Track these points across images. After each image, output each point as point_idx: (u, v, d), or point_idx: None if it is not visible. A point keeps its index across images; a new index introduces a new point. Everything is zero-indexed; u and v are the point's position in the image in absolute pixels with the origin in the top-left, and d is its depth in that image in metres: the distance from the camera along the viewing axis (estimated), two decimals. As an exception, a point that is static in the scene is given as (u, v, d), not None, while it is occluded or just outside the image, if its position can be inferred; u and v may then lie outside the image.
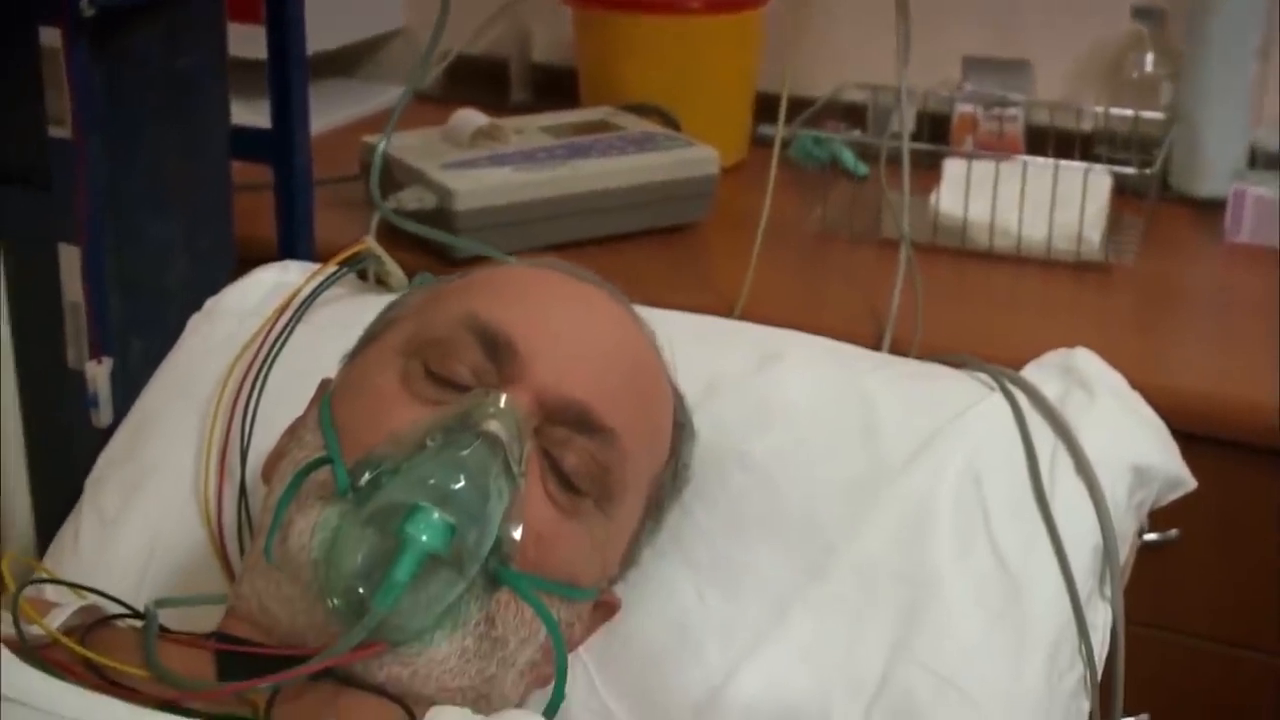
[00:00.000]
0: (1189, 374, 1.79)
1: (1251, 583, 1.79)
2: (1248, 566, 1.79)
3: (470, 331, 1.09)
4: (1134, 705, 1.83)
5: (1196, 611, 1.83)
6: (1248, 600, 1.80)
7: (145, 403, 1.45)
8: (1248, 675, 1.83)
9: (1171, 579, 1.80)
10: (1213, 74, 2.19)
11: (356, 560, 0.98)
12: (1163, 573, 1.78)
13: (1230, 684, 1.85)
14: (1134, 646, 1.72)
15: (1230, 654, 1.83)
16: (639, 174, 2.07)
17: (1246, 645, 1.82)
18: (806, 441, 1.25)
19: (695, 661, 1.19)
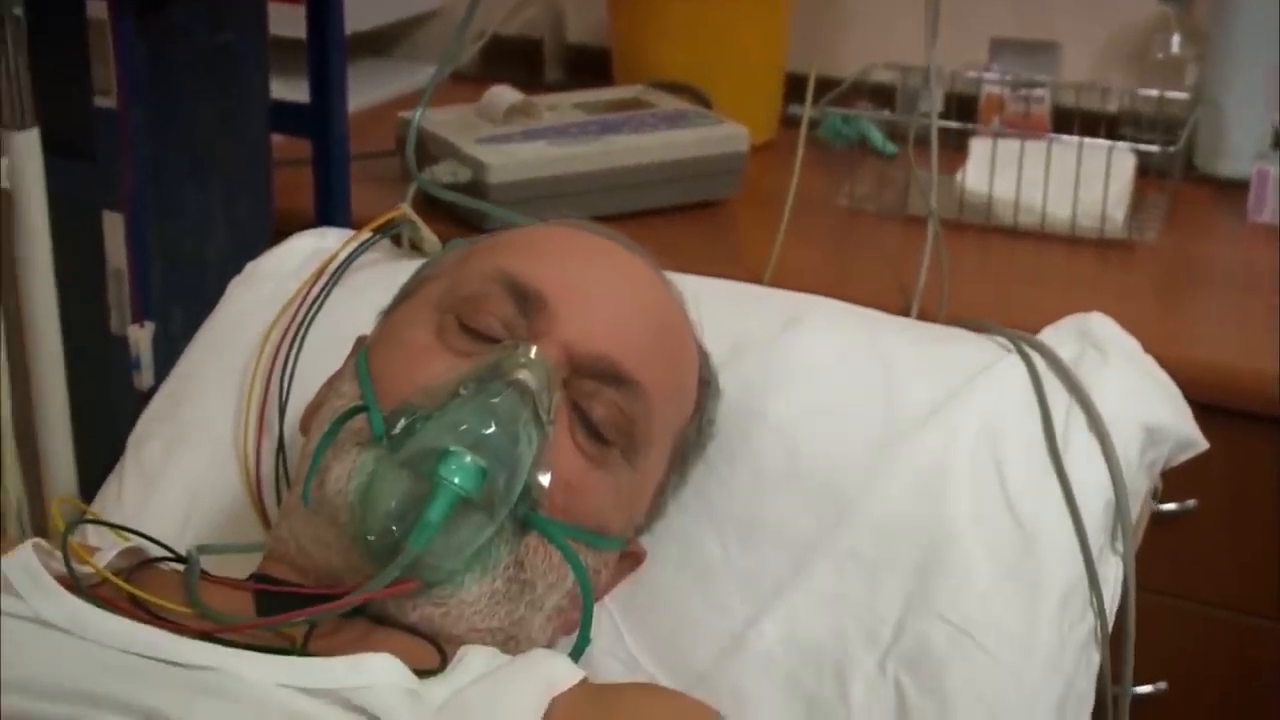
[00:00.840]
0: (1208, 347, 1.83)
1: (1268, 552, 1.82)
2: (1265, 536, 1.82)
3: (502, 286, 1.13)
4: (1152, 674, 1.87)
5: (1214, 581, 1.86)
6: (1265, 569, 1.82)
7: (187, 363, 1.49)
8: (1265, 643, 1.86)
9: (1189, 549, 1.83)
10: (1238, 55, 2.22)
11: (391, 503, 1.02)
12: (1181, 542, 1.82)
13: (1247, 652, 1.87)
14: (1152, 615, 1.75)
15: (1247, 622, 1.86)
16: (670, 150, 2.11)
17: (1264, 614, 1.85)
18: (828, 400, 1.29)
19: (718, 611, 1.23)
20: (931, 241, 1.85)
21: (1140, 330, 1.39)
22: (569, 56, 2.78)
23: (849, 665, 1.18)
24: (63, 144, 1.66)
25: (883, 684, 1.17)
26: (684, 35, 2.38)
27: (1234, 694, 1.89)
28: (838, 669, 1.18)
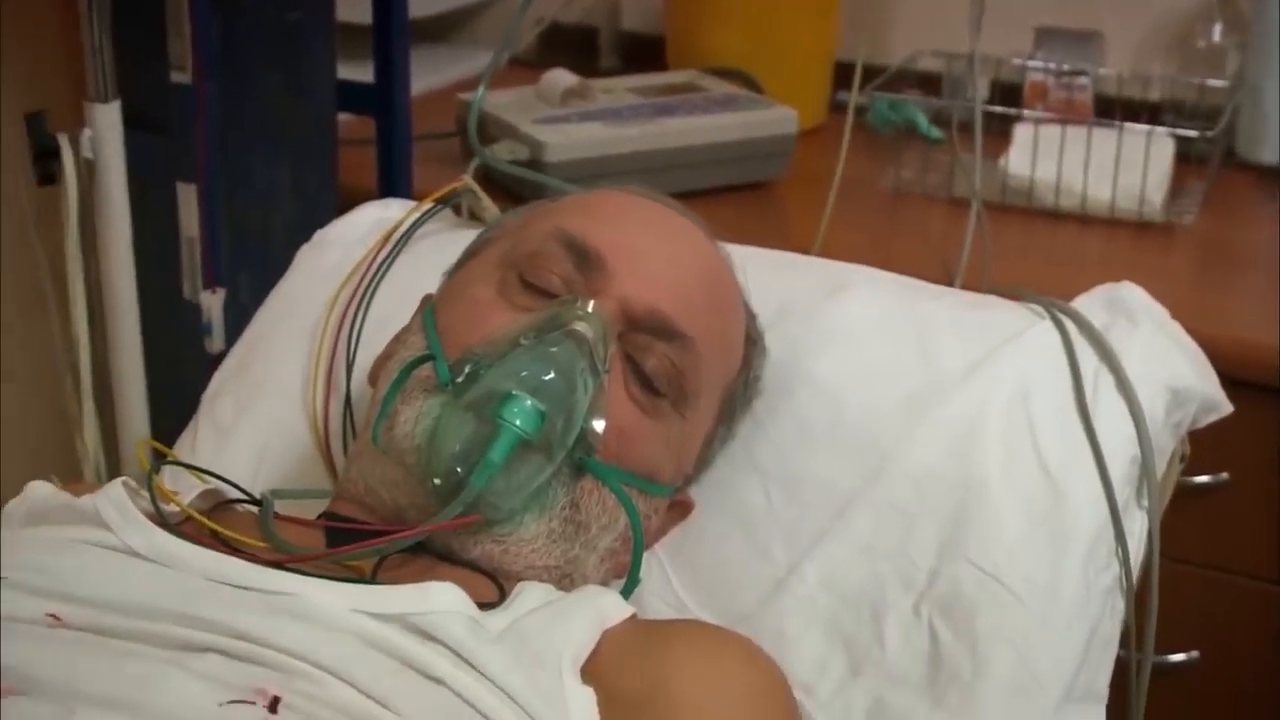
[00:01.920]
0: (1242, 325, 1.88)
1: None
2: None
3: (561, 245, 1.20)
4: (1184, 643, 1.93)
5: (1245, 552, 1.91)
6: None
7: (258, 325, 1.56)
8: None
9: (1221, 521, 1.89)
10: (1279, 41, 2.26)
11: (455, 445, 1.09)
12: (1212, 514, 1.87)
13: (1278, 622, 1.92)
14: (1184, 586, 1.82)
15: (1278, 593, 1.91)
16: (721, 132, 2.17)
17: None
18: (869, 361, 1.35)
19: (761, 557, 1.30)
20: (974, 221, 1.91)
21: (1176, 308, 1.44)
22: (624, 44, 2.84)
23: (885, 608, 1.25)
24: (140, 118, 1.73)
25: (917, 626, 1.23)
26: (737, 22, 2.44)
27: (1265, 664, 1.94)
28: (874, 612, 1.25)
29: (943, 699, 1.19)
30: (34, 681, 0.91)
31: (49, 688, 0.90)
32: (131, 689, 0.90)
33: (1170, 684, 1.92)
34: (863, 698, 1.22)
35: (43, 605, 0.98)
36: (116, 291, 1.68)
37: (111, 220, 1.65)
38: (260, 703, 0.90)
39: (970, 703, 1.18)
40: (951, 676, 1.20)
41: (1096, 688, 1.24)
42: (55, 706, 0.89)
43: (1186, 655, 1.94)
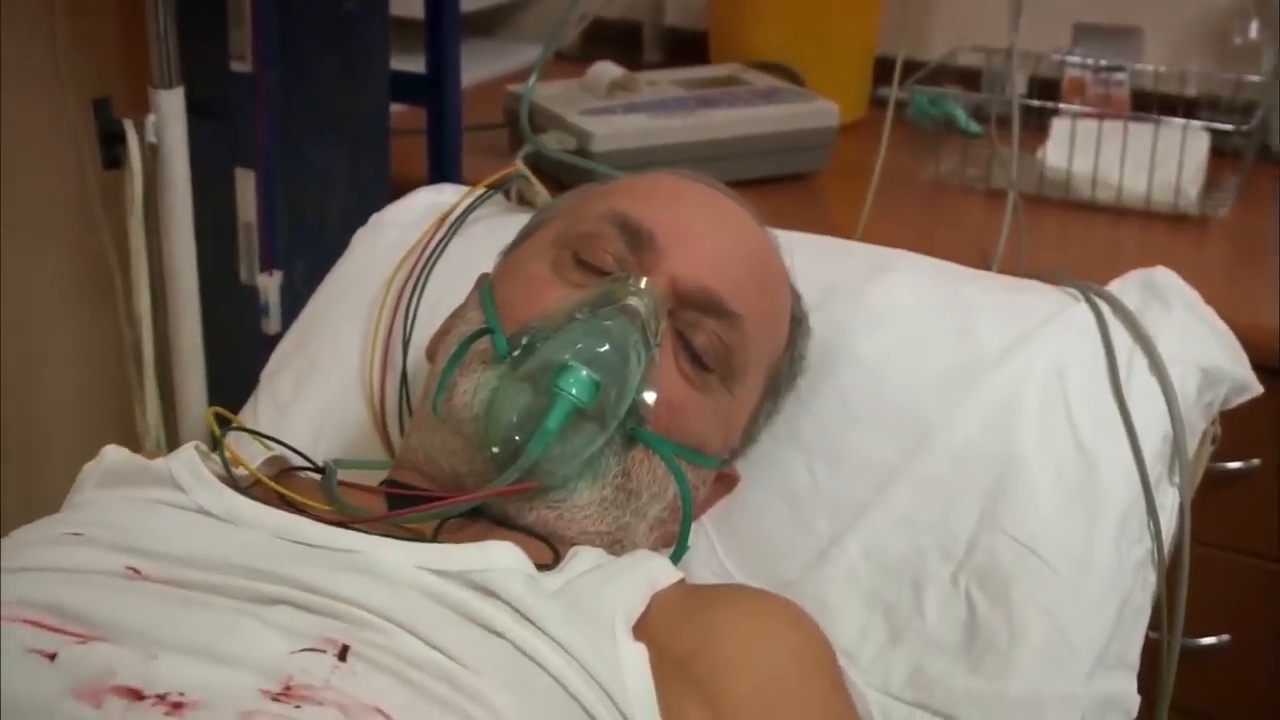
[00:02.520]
0: (1275, 314, 1.91)
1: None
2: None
3: (615, 225, 1.24)
4: (1215, 626, 1.97)
5: (1276, 536, 1.94)
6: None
7: (316, 304, 1.61)
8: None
9: (1252, 505, 1.93)
10: (1315, 40, 2.30)
11: (513, 415, 1.14)
12: (1243, 499, 1.91)
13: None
14: (1215, 570, 1.86)
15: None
16: (763, 124, 2.22)
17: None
18: (910, 340, 1.39)
19: (804, 529, 1.34)
20: (1011, 212, 1.94)
21: (1210, 297, 1.48)
22: (667, 39, 2.89)
23: (924, 578, 1.29)
24: (200, 105, 1.78)
25: (955, 595, 1.27)
26: (779, 17, 2.49)
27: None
28: (914, 581, 1.29)
29: (979, 665, 1.23)
30: (116, 628, 0.95)
31: (130, 634, 0.95)
32: (208, 636, 0.95)
33: (1200, 666, 1.97)
34: (902, 664, 1.26)
35: (122, 559, 1.03)
36: (178, 272, 1.73)
37: (174, 203, 1.70)
38: (330, 651, 0.95)
39: (1006, 668, 1.22)
40: (988, 644, 1.24)
41: (1128, 657, 1.27)
42: (137, 651, 0.93)
43: (1217, 638, 1.98)
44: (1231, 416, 1.47)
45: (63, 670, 0.92)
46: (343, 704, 0.91)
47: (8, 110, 1.88)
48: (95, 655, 0.93)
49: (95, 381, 2.07)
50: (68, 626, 0.95)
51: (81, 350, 2.07)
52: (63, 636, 0.95)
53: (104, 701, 0.90)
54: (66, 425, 2.06)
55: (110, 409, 2.01)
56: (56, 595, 0.98)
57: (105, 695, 0.90)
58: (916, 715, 1.23)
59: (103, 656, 0.93)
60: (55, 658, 0.93)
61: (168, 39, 1.66)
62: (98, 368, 2.05)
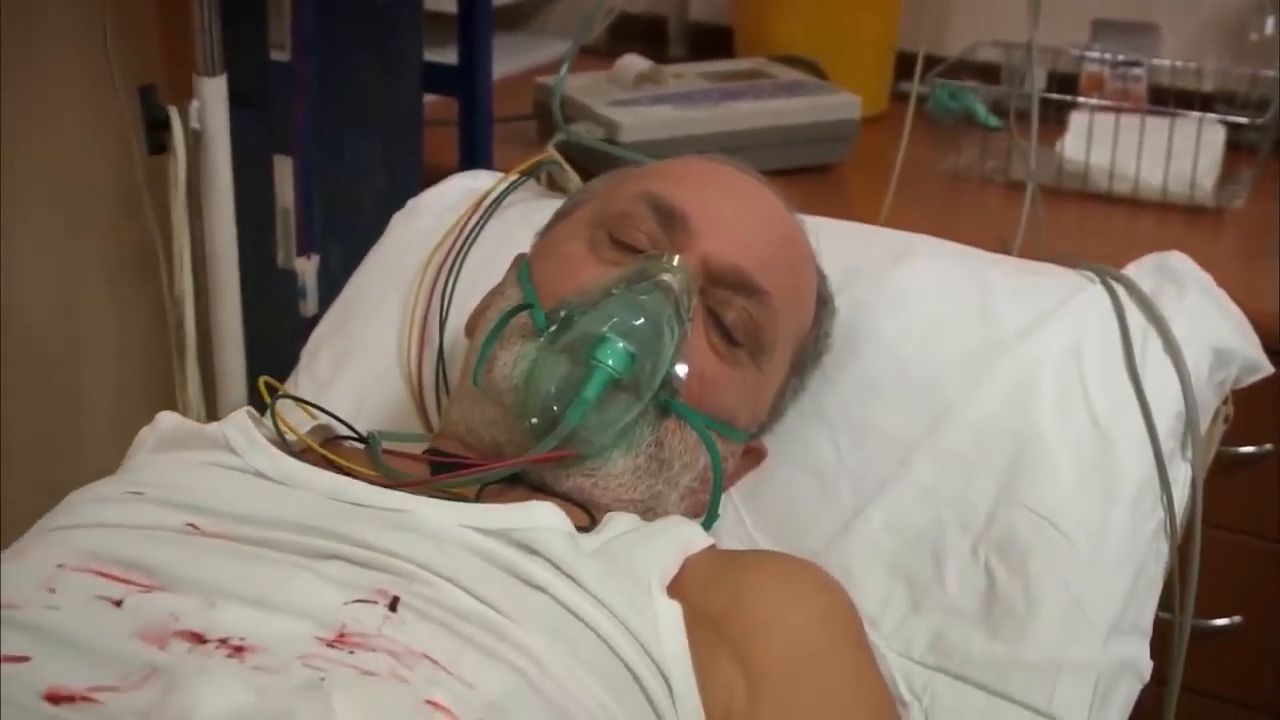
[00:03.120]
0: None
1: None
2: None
3: (648, 206, 1.29)
4: (1227, 608, 2.01)
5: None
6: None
7: (354, 286, 1.66)
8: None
9: (1265, 489, 1.97)
10: (1329, 36, 2.35)
11: (550, 385, 1.19)
12: (1256, 484, 1.96)
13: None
14: (1228, 552, 1.91)
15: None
16: (787, 115, 2.27)
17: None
18: (932, 321, 1.44)
19: (829, 501, 1.39)
20: (1030, 202, 1.99)
21: (1225, 285, 1.52)
22: (691, 34, 2.94)
23: (945, 549, 1.33)
24: (241, 94, 1.83)
25: (974, 565, 1.32)
26: (803, 13, 2.54)
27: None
28: (935, 552, 1.34)
29: (998, 631, 1.28)
30: (177, 579, 1.00)
31: (191, 584, 1.00)
32: (264, 587, 1.00)
33: (1213, 647, 2.01)
34: (923, 630, 1.31)
35: (181, 516, 1.08)
36: (219, 255, 1.78)
37: (217, 187, 1.75)
38: (381, 602, 1.00)
39: (1024, 634, 1.27)
40: (1006, 610, 1.28)
41: (1142, 623, 1.32)
42: (198, 600, 0.98)
43: (1229, 620, 2.03)
44: (1245, 402, 1.51)
45: (128, 615, 0.97)
46: (394, 651, 0.96)
47: (57, 98, 1.93)
48: (159, 603, 0.98)
49: (136, 361, 2.12)
50: (132, 577, 1.01)
51: (124, 330, 2.12)
52: (128, 586, 1.00)
53: (168, 644, 0.95)
54: (108, 402, 2.11)
55: (151, 388, 2.06)
56: (121, 548, 1.04)
57: (169, 638, 0.95)
58: (936, 679, 1.28)
59: (166, 604, 0.98)
60: (121, 604, 0.98)
61: (211, 28, 1.71)
62: (139, 347, 2.10)
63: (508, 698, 0.97)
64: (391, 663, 0.96)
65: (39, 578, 1.02)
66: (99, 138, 1.98)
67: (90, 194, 2.02)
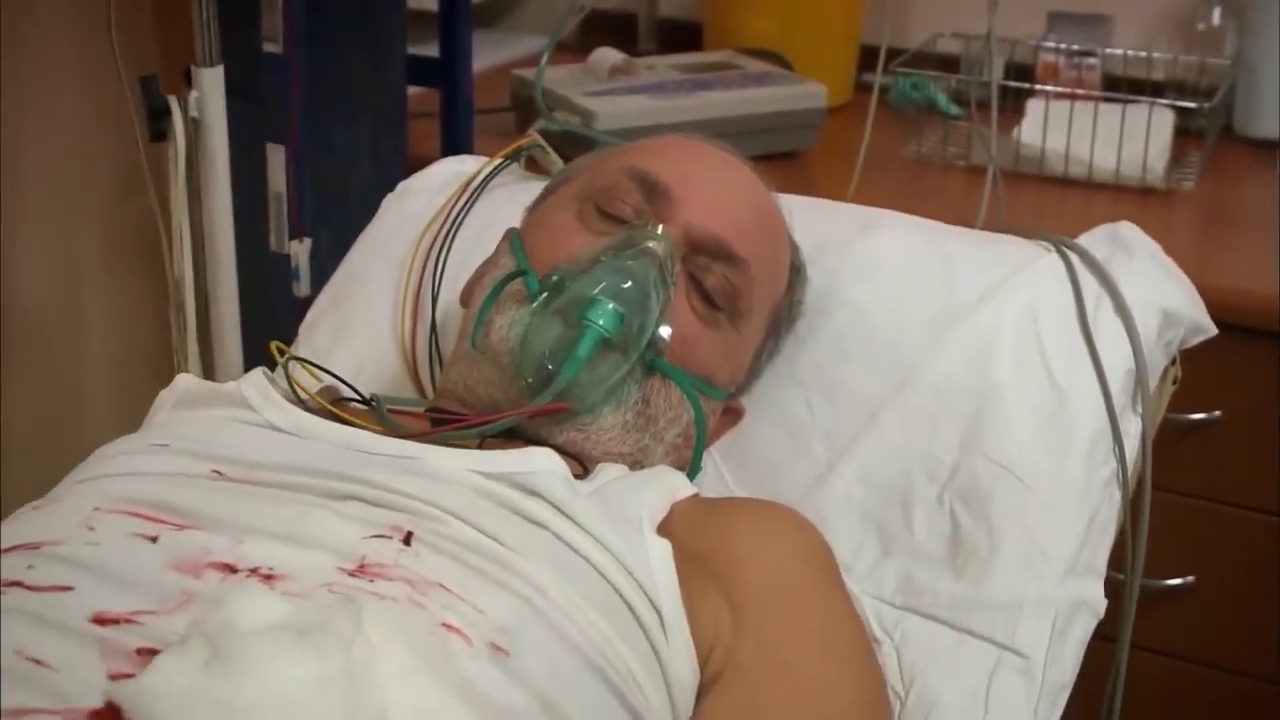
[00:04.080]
0: (1236, 277, 2.07)
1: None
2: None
3: (633, 179, 1.38)
4: (1182, 568, 2.11)
5: (1237, 483, 2.09)
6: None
7: (349, 265, 1.75)
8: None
9: (1215, 455, 2.07)
10: (1274, 26, 2.44)
11: (545, 346, 1.28)
12: (1207, 449, 2.06)
13: (1270, 546, 2.10)
14: (1181, 515, 2.01)
15: (1269, 521, 2.09)
16: (756, 105, 2.36)
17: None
18: (897, 287, 1.53)
19: (804, 456, 1.48)
20: (990, 185, 2.08)
21: (1176, 261, 1.60)
22: (659, 29, 3.03)
23: (913, 498, 1.43)
24: (234, 86, 1.91)
25: (940, 513, 1.41)
26: (769, 6, 2.64)
27: (1257, 587, 2.12)
28: (904, 501, 1.43)
29: (963, 572, 1.37)
30: (207, 519, 1.09)
31: (220, 523, 1.08)
32: (288, 524, 1.09)
33: (1168, 606, 2.12)
34: (893, 573, 1.40)
35: (206, 465, 1.17)
36: (216, 238, 1.86)
37: (214, 173, 1.83)
38: (396, 537, 1.09)
39: (987, 575, 1.36)
40: (970, 553, 1.38)
41: (1096, 564, 1.41)
42: (227, 537, 1.07)
43: (1183, 580, 2.13)
44: (1195, 371, 1.61)
45: (163, 550, 1.06)
46: (410, 579, 1.05)
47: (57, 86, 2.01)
48: (191, 539, 1.07)
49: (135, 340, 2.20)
50: (165, 517, 1.09)
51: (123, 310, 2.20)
52: (161, 525, 1.08)
53: (202, 574, 1.04)
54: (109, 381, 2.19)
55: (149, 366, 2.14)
56: (152, 492, 1.12)
57: (203, 569, 1.04)
58: (907, 618, 1.37)
59: (198, 540, 1.07)
60: (156, 540, 1.07)
61: (209, 22, 1.79)
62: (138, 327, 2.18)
63: (515, 622, 1.06)
64: (409, 590, 1.04)
65: (77, 519, 1.10)
66: (98, 125, 2.06)
67: (89, 180, 2.10)
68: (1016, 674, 1.31)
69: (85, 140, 2.07)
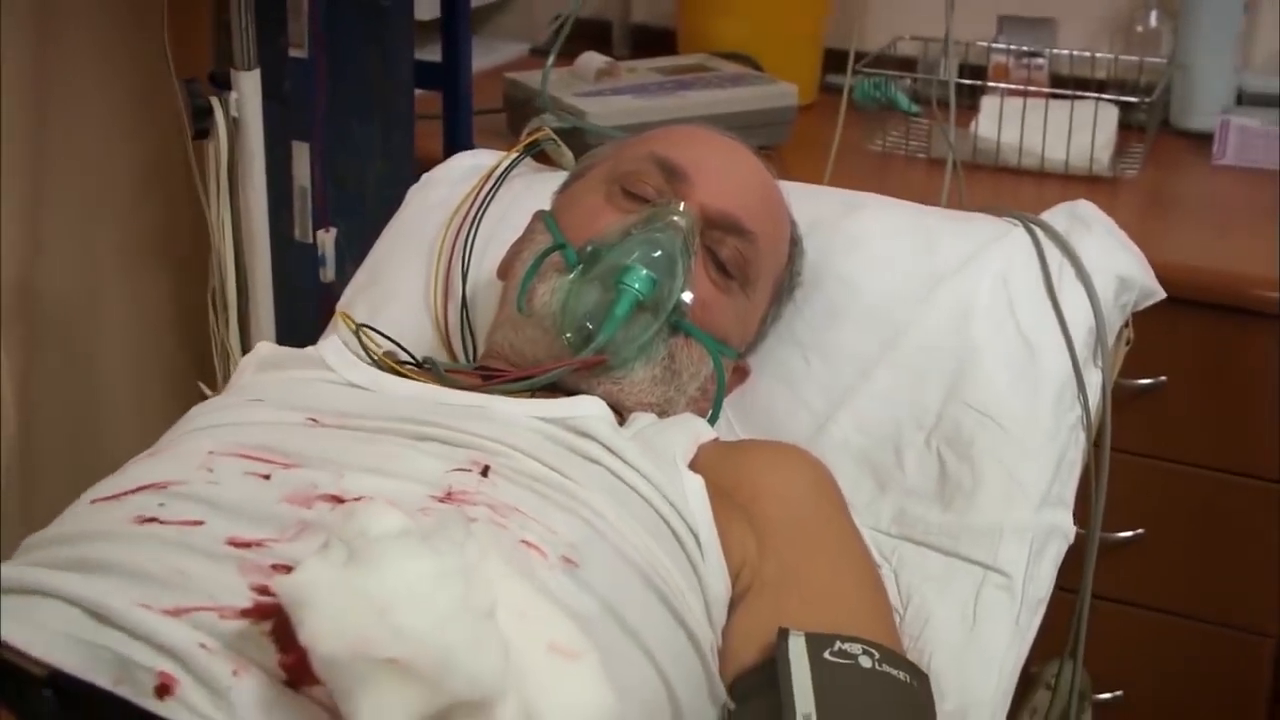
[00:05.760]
0: (1176, 254, 2.25)
1: (1227, 417, 2.25)
2: (1224, 405, 2.25)
3: (654, 164, 1.56)
4: (1132, 522, 2.30)
5: (1183, 443, 2.29)
6: (1225, 432, 2.26)
7: (380, 249, 1.92)
8: (1228, 494, 2.29)
9: (1163, 417, 2.26)
10: (1206, 26, 2.66)
11: (585, 307, 1.46)
12: (1156, 412, 2.25)
13: (1212, 502, 2.31)
14: (1132, 474, 2.19)
15: (1212, 477, 2.29)
16: (732, 103, 2.53)
17: (1226, 470, 2.28)
18: (884, 258, 1.72)
19: (804, 408, 1.67)
20: (950, 174, 2.27)
21: (1123, 241, 1.80)
22: (634, 35, 3.21)
23: (903, 443, 1.62)
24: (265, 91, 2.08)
25: (928, 455, 1.60)
26: (741, 12, 2.83)
27: (1201, 538, 2.32)
28: (895, 445, 1.62)
29: (950, 504, 1.56)
30: (309, 458, 1.25)
31: (321, 462, 1.25)
32: (381, 461, 1.26)
33: (1120, 558, 2.31)
34: (889, 508, 1.59)
35: (301, 415, 1.33)
36: (253, 226, 2.02)
37: (252, 168, 2.00)
38: (475, 470, 1.26)
39: (971, 506, 1.55)
40: (956, 488, 1.56)
41: (1065, 497, 1.60)
42: (329, 473, 1.23)
43: (1133, 532, 2.32)
44: (1142, 339, 1.80)
45: (276, 485, 1.22)
46: (491, 504, 1.22)
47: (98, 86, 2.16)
48: (299, 476, 1.23)
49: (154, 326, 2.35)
50: (273, 458, 1.25)
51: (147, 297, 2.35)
52: (272, 465, 1.25)
53: (313, 505, 1.20)
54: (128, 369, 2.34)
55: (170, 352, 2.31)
56: (259, 438, 1.29)
57: (313, 501, 1.20)
58: (902, 546, 1.56)
59: (305, 477, 1.23)
60: (269, 478, 1.23)
61: (247, 29, 1.95)
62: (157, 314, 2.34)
63: (583, 541, 1.23)
64: (490, 513, 1.21)
65: (195, 463, 1.26)
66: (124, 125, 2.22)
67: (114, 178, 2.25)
68: (1000, 590, 1.50)
69: (111, 139, 2.22)
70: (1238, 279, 2.21)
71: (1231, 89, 2.68)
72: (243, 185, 2.01)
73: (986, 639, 1.48)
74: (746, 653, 1.33)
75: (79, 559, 1.15)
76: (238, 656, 1.04)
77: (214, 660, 1.03)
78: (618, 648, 1.19)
